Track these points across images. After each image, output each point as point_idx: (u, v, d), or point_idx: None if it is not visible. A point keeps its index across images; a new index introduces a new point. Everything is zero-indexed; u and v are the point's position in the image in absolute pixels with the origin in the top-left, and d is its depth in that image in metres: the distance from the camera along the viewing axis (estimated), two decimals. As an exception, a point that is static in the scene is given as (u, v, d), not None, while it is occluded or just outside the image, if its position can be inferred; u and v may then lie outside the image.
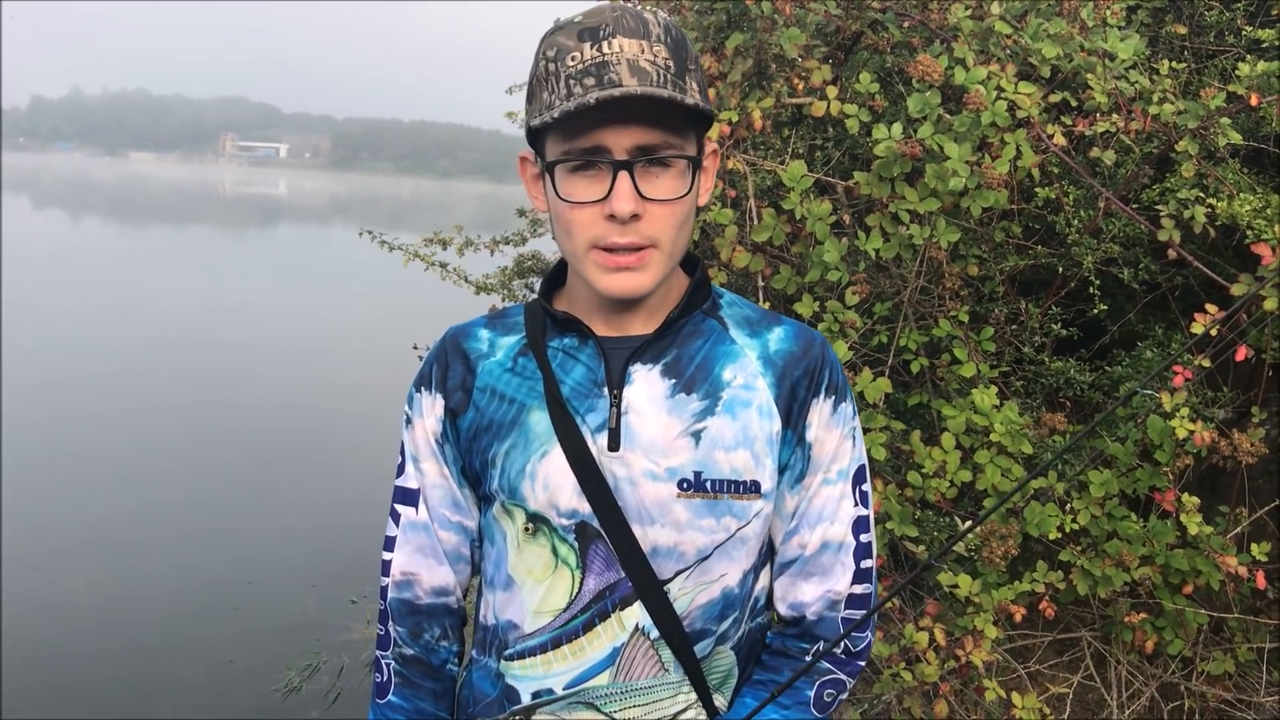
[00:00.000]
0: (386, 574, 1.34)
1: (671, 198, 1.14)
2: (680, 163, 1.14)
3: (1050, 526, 2.56)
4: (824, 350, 1.28)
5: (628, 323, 1.24)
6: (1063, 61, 2.58)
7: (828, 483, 1.27)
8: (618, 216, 1.11)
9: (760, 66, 2.82)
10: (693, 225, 1.22)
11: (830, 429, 1.26)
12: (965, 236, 2.93)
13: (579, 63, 1.09)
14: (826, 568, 1.27)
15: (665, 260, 1.17)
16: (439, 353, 1.32)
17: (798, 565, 1.28)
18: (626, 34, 1.10)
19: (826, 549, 1.27)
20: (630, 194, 1.11)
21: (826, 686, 1.28)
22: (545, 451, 1.21)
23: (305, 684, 4.81)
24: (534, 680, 1.25)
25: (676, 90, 1.10)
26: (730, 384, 1.22)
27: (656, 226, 1.14)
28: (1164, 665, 2.88)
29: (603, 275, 1.16)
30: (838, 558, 1.27)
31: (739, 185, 2.84)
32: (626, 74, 1.08)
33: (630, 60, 1.08)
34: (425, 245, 4.05)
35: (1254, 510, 2.80)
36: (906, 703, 2.56)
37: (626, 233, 1.13)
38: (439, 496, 1.31)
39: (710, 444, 1.20)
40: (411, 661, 1.33)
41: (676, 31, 1.14)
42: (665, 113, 1.10)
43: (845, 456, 1.28)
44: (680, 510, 1.20)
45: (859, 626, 1.29)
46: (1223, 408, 2.91)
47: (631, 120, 1.10)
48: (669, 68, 1.10)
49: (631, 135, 1.10)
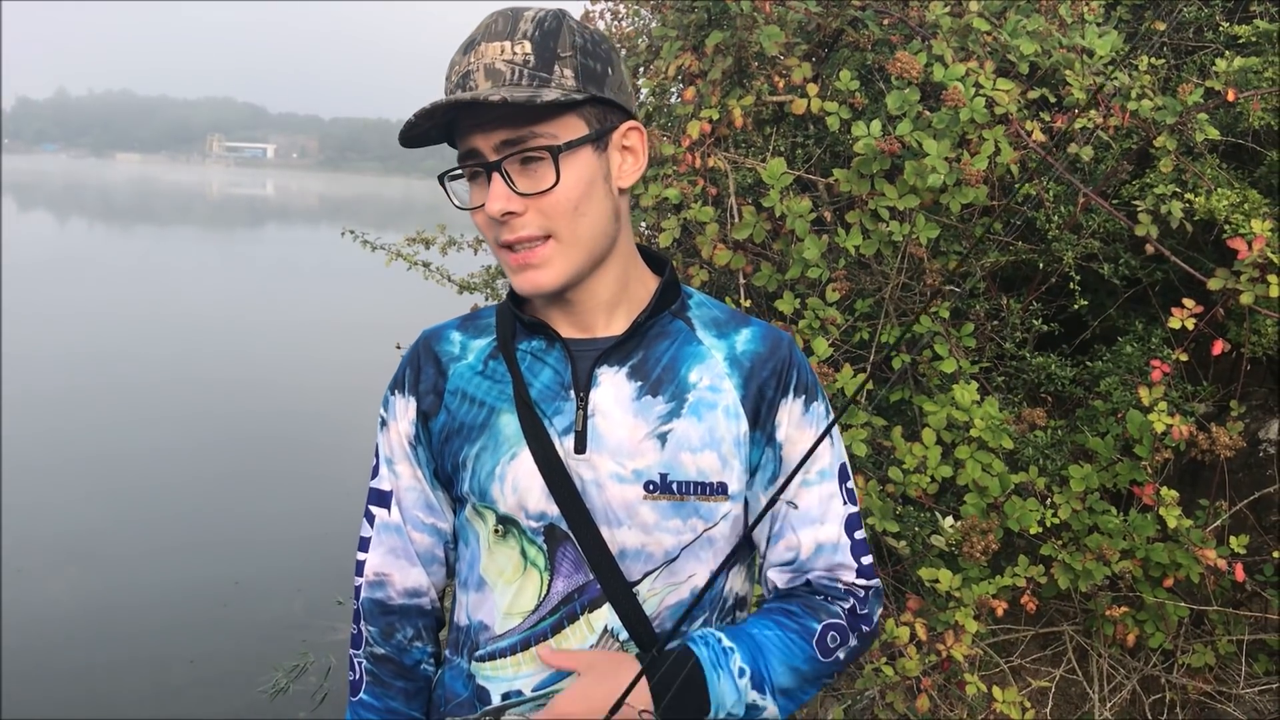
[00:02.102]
0: (360, 574, 1.35)
1: (542, 189, 1.13)
2: (548, 153, 1.14)
3: (1031, 521, 2.56)
4: (791, 350, 1.28)
5: (591, 325, 1.25)
6: (1041, 58, 2.59)
7: (808, 484, 1.25)
8: (492, 217, 1.14)
9: (741, 64, 2.83)
10: (606, 209, 1.19)
11: (802, 429, 1.26)
12: (945, 233, 2.94)
13: (456, 74, 1.15)
14: (825, 565, 1.27)
15: (568, 249, 1.16)
16: (412, 356, 1.33)
17: (795, 565, 1.27)
18: (493, 38, 1.13)
19: (822, 550, 1.26)
20: (501, 193, 1.13)
21: (831, 630, 1.24)
22: (514, 454, 1.21)
23: (292, 685, 4.80)
24: (504, 681, 1.25)
25: (533, 83, 1.11)
26: (696, 385, 1.22)
27: (544, 218, 1.15)
28: (1145, 658, 2.90)
29: (513, 275, 1.19)
30: (832, 557, 1.26)
31: (720, 183, 2.84)
32: (482, 79, 1.12)
33: (487, 65, 1.12)
34: (408, 245, 4.05)
35: (1233, 504, 2.82)
36: (889, 698, 2.57)
37: (515, 229, 1.15)
38: (412, 499, 1.32)
39: (676, 446, 1.20)
40: (383, 660, 1.34)
41: (551, 23, 1.14)
42: (523, 107, 1.11)
43: (825, 457, 1.27)
44: (647, 512, 1.20)
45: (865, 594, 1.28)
46: (1202, 402, 2.93)
47: (493, 121, 1.12)
48: (528, 63, 1.12)
49: (497, 134, 1.12)
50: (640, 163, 1.24)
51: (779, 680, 1.20)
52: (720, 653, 1.17)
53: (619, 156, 1.21)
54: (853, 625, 1.26)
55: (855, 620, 1.26)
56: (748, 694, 1.17)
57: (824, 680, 1.26)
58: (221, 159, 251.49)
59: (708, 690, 1.14)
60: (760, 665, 1.18)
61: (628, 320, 1.24)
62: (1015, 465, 2.76)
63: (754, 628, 1.22)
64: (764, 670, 1.18)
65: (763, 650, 1.20)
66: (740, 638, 1.19)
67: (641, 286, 1.28)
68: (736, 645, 1.18)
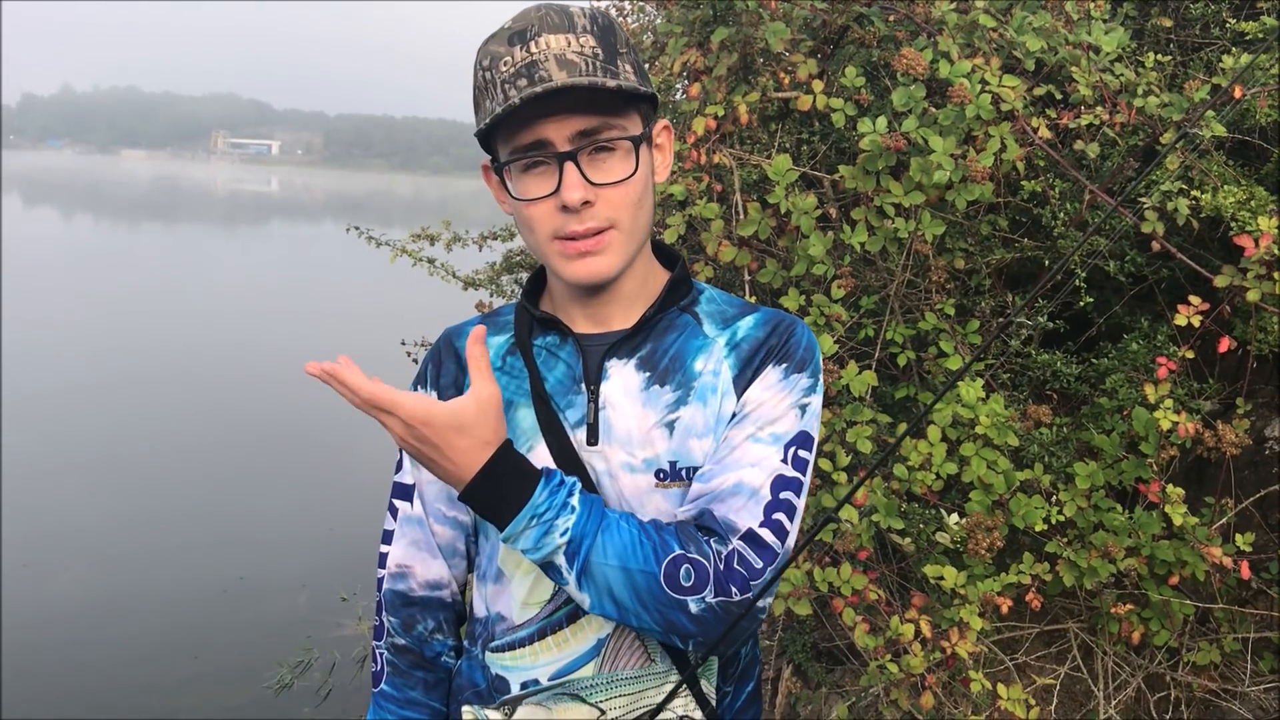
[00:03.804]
0: (383, 566, 1.38)
1: (620, 179, 1.16)
2: (624, 143, 1.17)
3: (1036, 518, 2.56)
4: (791, 327, 1.27)
5: (608, 318, 1.27)
6: (1047, 55, 2.59)
7: (756, 440, 1.19)
8: (569, 206, 1.14)
9: (746, 61, 2.83)
10: (653, 202, 1.25)
11: (774, 392, 1.22)
12: (951, 230, 2.94)
13: (511, 66, 1.13)
14: (732, 506, 1.16)
15: (626, 240, 1.20)
16: (434, 352, 1.37)
17: (704, 500, 1.18)
18: (552, 30, 1.13)
19: (739, 491, 1.17)
20: (578, 182, 1.14)
21: (689, 563, 1.12)
22: (531, 447, 1.24)
23: (297, 681, 4.81)
24: (522, 671, 1.27)
25: (607, 75, 1.13)
26: (701, 373, 1.24)
27: (611, 209, 1.17)
28: (1150, 656, 2.89)
29: (566, 264, 1.19)
30: (746, 502, 1.16)
31: (725, 179, 2.84)
32: (555, 69, 1.11)
33: (558, 55, 1.12)
34: (413, 241, 4.05)
35: (1239, 501, 2.81)
36: (893, 695, 2.56)
37: (583, 220, 1.16)
38: (434, 492, 1.34)
39: (684, 433, 1.22)
40: (403, 651, 1.36)
41: (604, 19, 1.17)
42: (599, 98, 1.13)
43: (786, 423, 1.21)
44: (660, 500, 1.22)
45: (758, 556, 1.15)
46: (1208, 399, 2.92)
47: (567, 111, 1.13)
48: (597, 55, 1.13)
49: (571, 125, 1.13)
50: (669, 160, 1.29)
51: (604, 572, 1.12)
52: (558, 506, 1.12)
53: (656, 153, 1.26)
54: (716, 578, 1.12)
55: (723, 574, 1.13)
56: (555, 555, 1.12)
57: (661, 616, 1.13)
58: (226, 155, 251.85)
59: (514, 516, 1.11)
60: (587, 539, 1.12)
61: (638, 312, 1.27)
62: (1020, 462, 2.75)
63: (616, 514, 1.16)
64: (584, 549, 1.12)
65: (605, 530, 1.13)
66: (594, 509, 1.14)
67: (656, 281, 1.30)
68: (582, 510, 1.12)
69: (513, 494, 1.11)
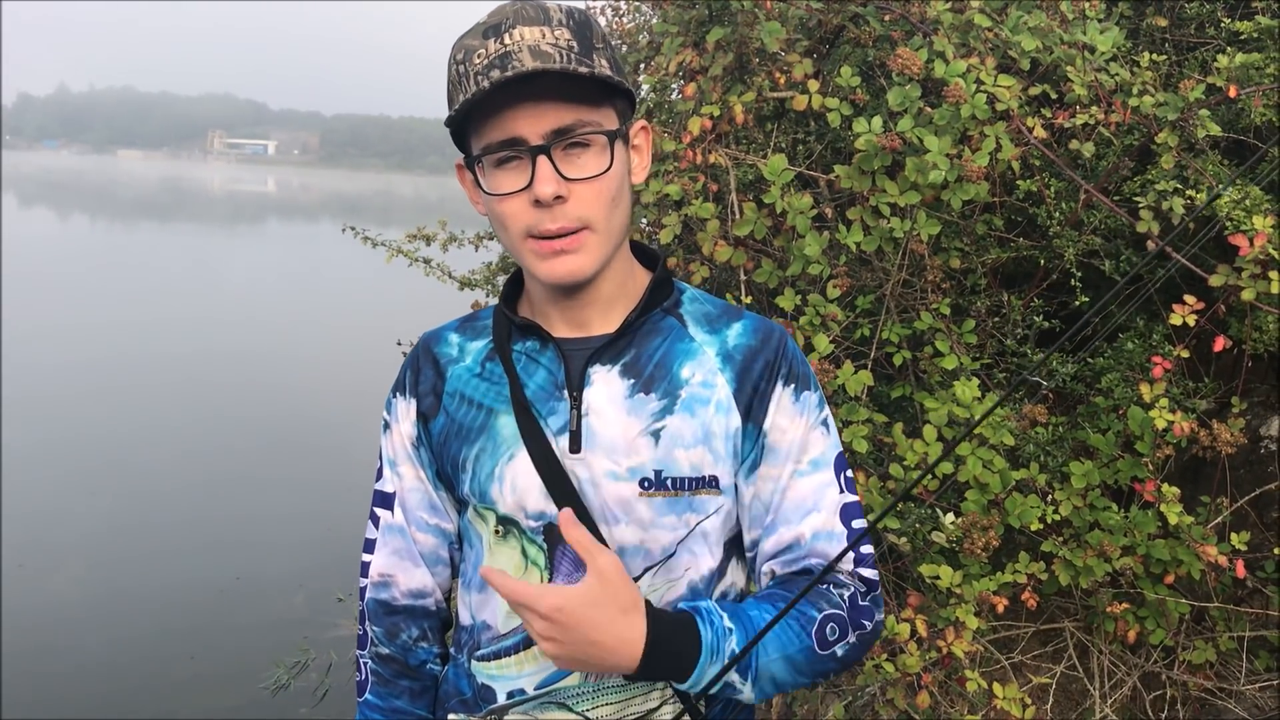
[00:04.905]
0: (365, 575, 1.36)
1: (594, 174, 1.13)
2: (600, 139, 1.13)
3: (1032, 517, 2.57)
4: (783, 341, 1.27)
5: (587, 322, 1.24)
6: (1042, 54, 2.59)
7: (801, 474, 1.23)
8: (542, 200, 1.11)
9: (742, 61, 2.83)
10: (629, 203, 1.21)
11: (793, 417, 1.24)
12: (946, 229, 2.94)
13: (484, 58, 1.10)
14: (826, 555, 1.22)
15: (602, 240, 1.16)
16: (412, 358, 1.34)
17: (793, 553, 1.22)
18: (527, 23, 1.11)
19: (819, 538, 1.22)
20: (551, 176, 1.10)
21: (831, 621, 1.19)
22: (512, 455, 1.22)
23: (293, 681, 4.80)
24: (508, 680, 1.26)
25: (581, 65, 1.10)
26: (689, 382, 1.22)
27: (585, 206, 1.14)
28: (1146, 655, 2.90)
29: (541, 263, 1.16)
30: (834, 546, 1.22)
31: (721, 179, 2.84)
32: (529, 58, 1.08)
33: (532, 46, 1.09)
34: (409, 241, 4.04)
35: (1234, 500, 2.82)
36: (890, 694, 2.57)
37: (556, 217, 1.13)
38: (415, 500, 1.32)
39: (670, 442, 1.20)
40: (387, 660, 1.35)
41: (581, 15, 1.15)
42: (574, 90, 1.10)
43: (818, 445, 1.25)
44: (643, 509, 1.20)
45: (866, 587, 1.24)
46: (1203, 398, 2.93)
47: (540, 98, 1.10)
48: (573, 47, 1.10)
49: (545, 120, 1.10)
50: (646, 161, 1.25)
51: (769, 668, 1.15)
52: (720, 634, 1.13)
53: (633, 153, 1.23)
54: (853, 620, 1.20)
55: (855, 614, 1.21)
56: (729, 675, 1.14)
57: (818, 676, 1.21)
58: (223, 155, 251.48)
59: (696, 665, 1.11)
60: (752, 652, 1.14)
61: (622, 317, 1.24)
62: (1016, 462, 2.76)
63: (754, 609, 1.17)
64: (753, 657, 1.14)
65: (756, 631, 1.15)
66: (740, 619, 1.15)
67: (636, 283, 1.28)
68: (735, 628, 1.14)
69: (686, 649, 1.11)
